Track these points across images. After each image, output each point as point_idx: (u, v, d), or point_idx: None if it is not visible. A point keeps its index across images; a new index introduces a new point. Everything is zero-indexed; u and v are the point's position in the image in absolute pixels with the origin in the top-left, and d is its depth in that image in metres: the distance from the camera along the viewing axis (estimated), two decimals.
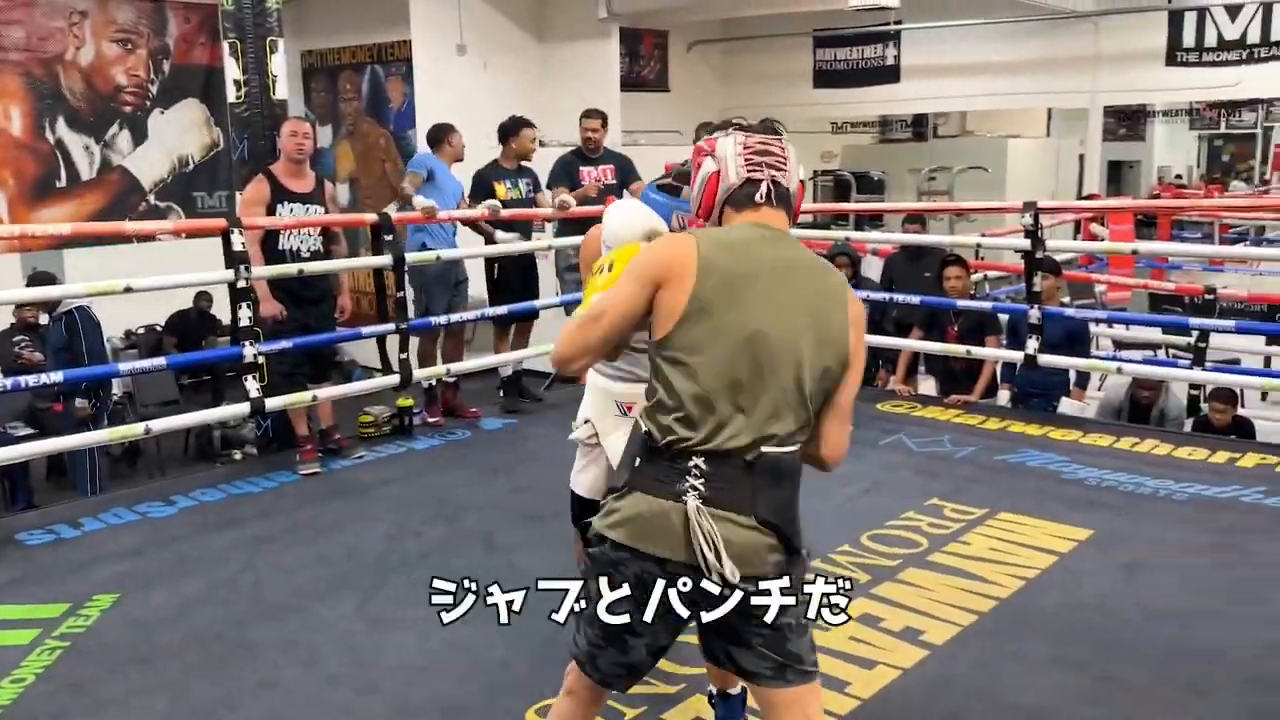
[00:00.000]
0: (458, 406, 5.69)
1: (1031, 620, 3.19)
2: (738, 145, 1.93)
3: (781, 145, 1.96)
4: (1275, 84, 10.17)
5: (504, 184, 5.81)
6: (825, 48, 12.25)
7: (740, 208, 1.93)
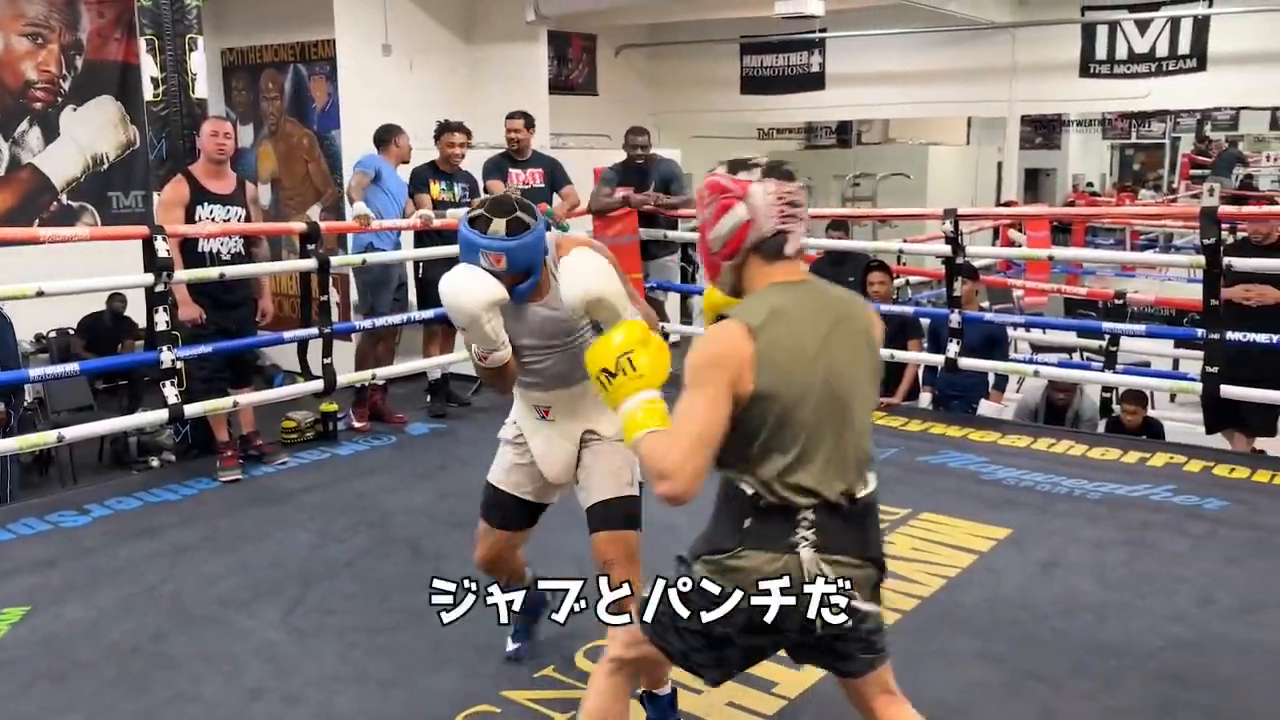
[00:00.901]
0: (384, 411, 5.62)
1: (954, 617, 3.27)
2: (770, 194, 1.92)
3: (803, 196, 1.97)
4: (1182, 96, 10.57)
5: (439, 184, 5.76)
6: (752, 54, 12.39)
7: (769, 259, 1.94)
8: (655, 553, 3.74)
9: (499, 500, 2.76)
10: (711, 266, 2.01)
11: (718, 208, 1.94)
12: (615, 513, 2.61)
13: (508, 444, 2.76)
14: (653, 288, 6.36)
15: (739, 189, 1.92)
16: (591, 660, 2.99)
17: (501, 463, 2.76)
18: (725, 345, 1.86)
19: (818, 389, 1.88)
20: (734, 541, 1.90)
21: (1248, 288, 4.90)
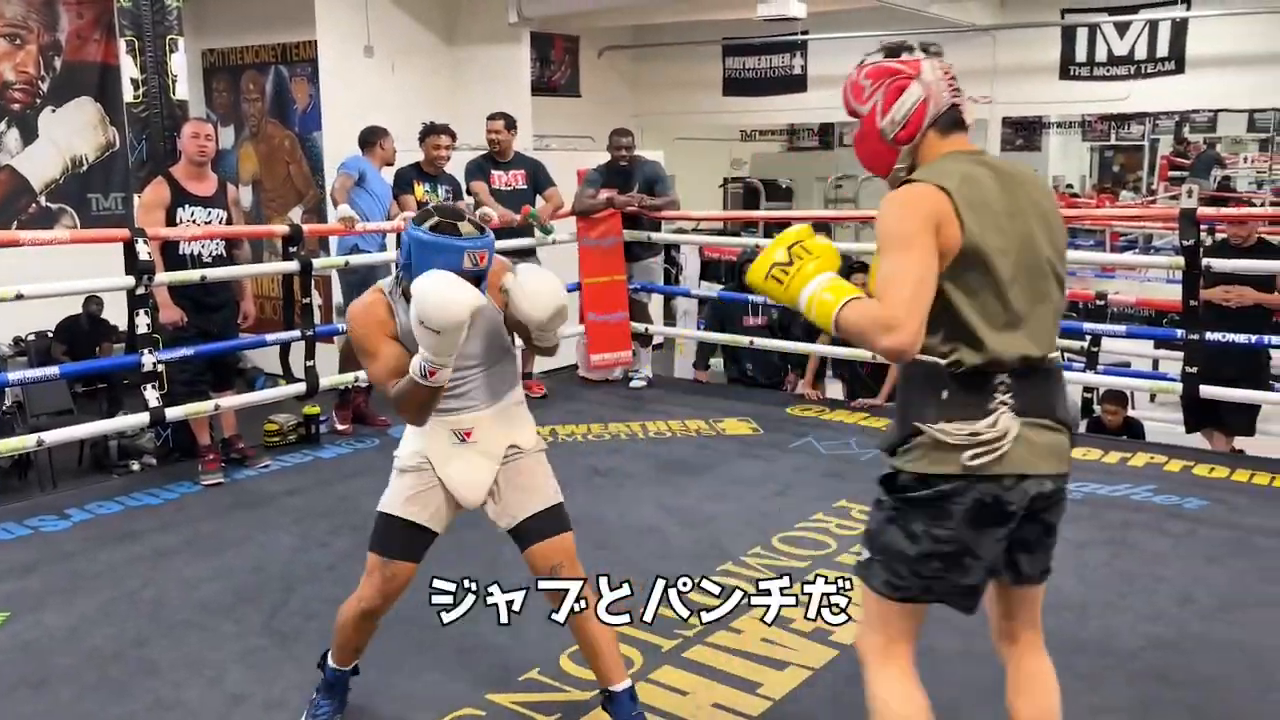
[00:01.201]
0: (367, 414, 5.60)
1: (938, 616, 3.24)
2: (938, 70, 1.92)
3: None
4: (1161, 98, 10.63)
5: (423, 186, 5.75)
6: (734, 56, 12.40)
7: (945, 132, 1.94)
8: (636, 550, 3.75)
9: (399, 530, 2.55)
10: (882, 156, 1.95)
11: (890, 90, 1.91)
12: (553, 521, 2.61)
13: (407, 472, 2.55)
14: (636, 289, 6.37)
15: (910, 68, 1.92)
16: (577, 664, 2.99)
17: (400, 492, 2.55)
18: (924, 201, 1.82)
19: (1014, 251, 1.85)
20: (930, 415, 1.86)
21: (1227, 289, 4.95)
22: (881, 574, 1.95)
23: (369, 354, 2.45)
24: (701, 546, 3.87)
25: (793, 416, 5.66)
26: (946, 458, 1.84)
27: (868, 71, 1.94)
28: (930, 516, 1.88)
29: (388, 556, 2.56)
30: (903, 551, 1.91)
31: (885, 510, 1.94)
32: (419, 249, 2.32)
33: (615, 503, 4.36)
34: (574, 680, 2.91)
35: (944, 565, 1.90)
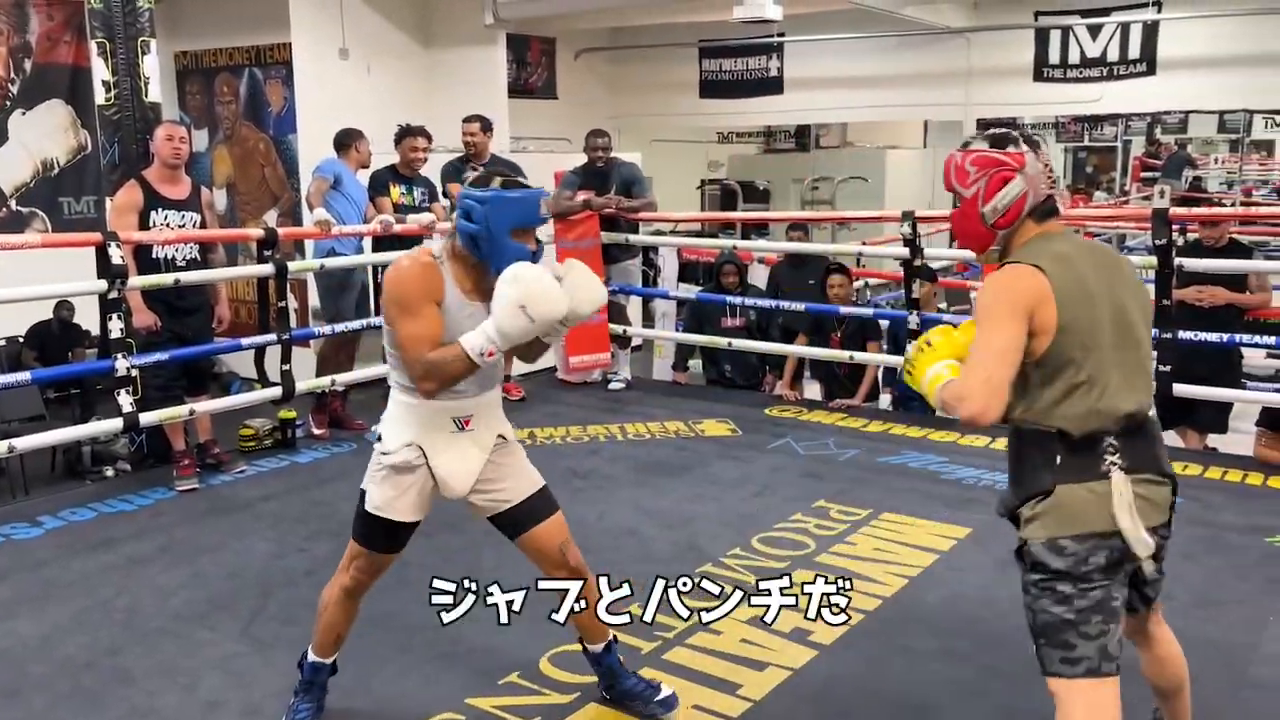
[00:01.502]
0: (344, 418, 5.57)
1: (916, 616, 3.30)
2: (1039, 165, 2.10)
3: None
4: (1133, 99, 10.74)
5: (399, 188, 5.72)
6: (711, 58, 12.43)
7: (1041, 220, 2.11)
8: (615, 553, 3.75)
9: (388, 528, 2.54)
10: (980, 238, 2.13)
11: (994, 180, 2.08)
12: (546, 501, 2.63)
13: (395, 470, 2.50)
14: (614, 291, 6.36)
15: (1015, 161, 2.08)
16: (557, 666, 2.98)
17: (391, 493, 2.51)
18: (1021, 281, 2.00)
19: (1107, 321, 2.02)
20: (1043, 481, 2.01)
21: (1200, 288, 5.00)
22: (1057, 655, 2.02)
23: (410, 313, 2.36)
24: (680, 548, 3.88)
25: (771, 417, 5.67)
26: (1065, 519, 2.00)
27: (974, 159, 2.11)
28: (1077, 581, 1.99)
29: (374, 550, 2.58)
30: (1063, 621, 2.00)
31: (1034, 590, 2.04)
32: (498, 207, 2.34)
33: (594, 505, 4.35)
34: (554, 683, 2.90)
35: (1107, 618, 2.00)
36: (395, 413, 2.53)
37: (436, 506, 4.42)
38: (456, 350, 2.31)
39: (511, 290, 2.25)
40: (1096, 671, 1.99)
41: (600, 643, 2.74)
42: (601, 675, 2.78)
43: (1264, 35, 9.55)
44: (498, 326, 2.27)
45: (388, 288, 2.42)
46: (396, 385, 2.53)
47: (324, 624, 2.67)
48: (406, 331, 2.36)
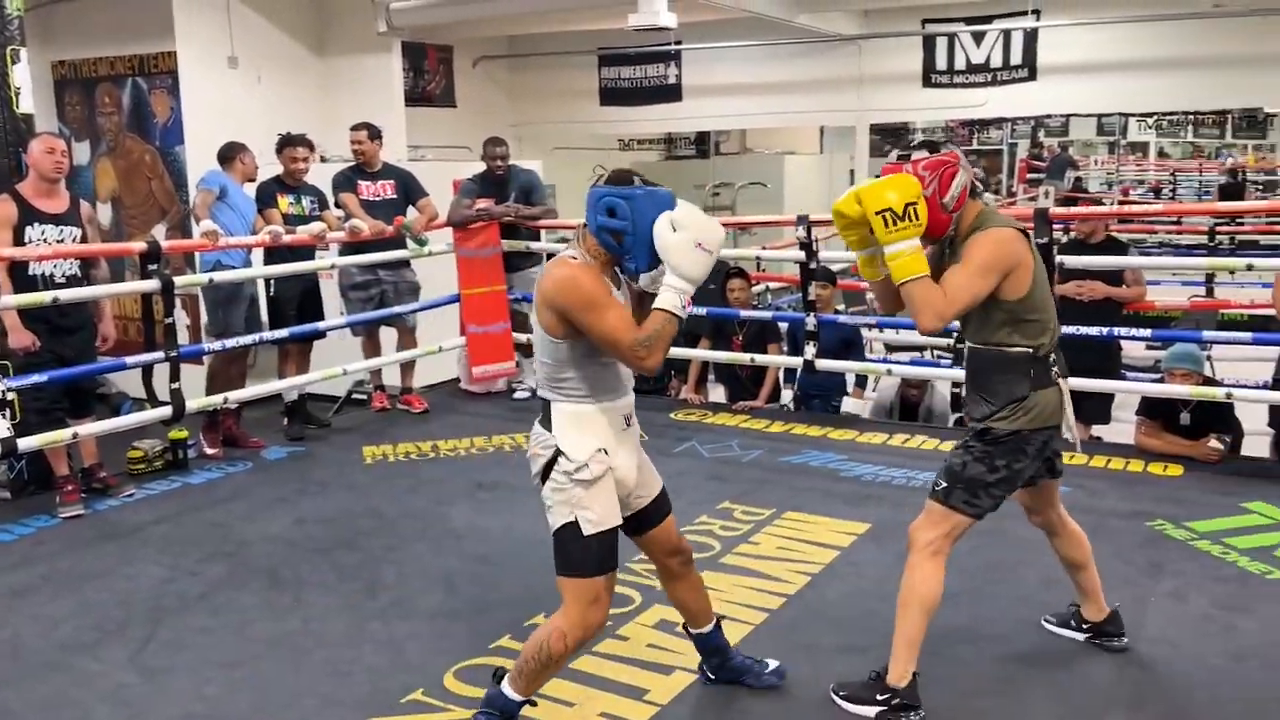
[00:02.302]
0: (238, 436, 5.42)
1: (818, 613, 3.35)
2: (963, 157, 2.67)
3: None
4: (1016, 104, 11.11)
5: (287, 198, 5.59)
6: (610, 66, 12.46)
7: (973, 198, 2.70)
8: (522, 563, 3.72)
9: (612, 541, 2.51)
10: (943, 224, 2.64)
11: (945, 177, 2.61)
12: (666, 496, 2.74)
13: (598, 480, 2.46)
14: (518, 300, 6.32)
15: (953, 159, 2.63)
16: (463, 681, 2.95)
17: (603, 503, 2.47)
18: (1017, 244, 2.63)
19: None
20: (1023, 389, 2.67)
21: (1079, 283, 5.20)
22: (962, 496, 2.70)
23: (603, 307, 2.39)
24: None
25: (676, 421, 5.71)
26: (1031, 417, 2.68)
27: (924, 165, 2.62)
28: (1011, 455, 2.69)
29: (605, 572, 2.50)
30: (979, 480, 2.69)
31: (975, 455, 2.70)
32: (644, 201, 2.43)
33: (500, 516, 4.32)
34: (459, 699, 2.87)
35: (1009, 487, 2.72)
36: (573, 424, 2.49)
37: (328, 524, 4.33)
38: (660, 316, 2.40)
39: (682, 234, 2.37)
40: (979, 517, 2.73)
41: (708, 625, 2.84)
42: (711, 655, 2.88)
43: (1136, 42, 10.00)
44: (682, 273, 2.39)
45: (564, 294, 2.40)
46: (564, 397, 2.50)
47: (545, 674, 2.55)
48: (609, 324, 2.39)
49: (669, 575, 2.79)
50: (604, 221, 2.45)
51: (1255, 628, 3.18)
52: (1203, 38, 9.68)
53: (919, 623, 2.71)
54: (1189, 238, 12.13)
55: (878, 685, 2.75)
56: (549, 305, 2.43)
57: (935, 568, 2.72)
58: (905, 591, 2.73)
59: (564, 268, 2.45)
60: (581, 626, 2.48)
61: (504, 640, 3.19)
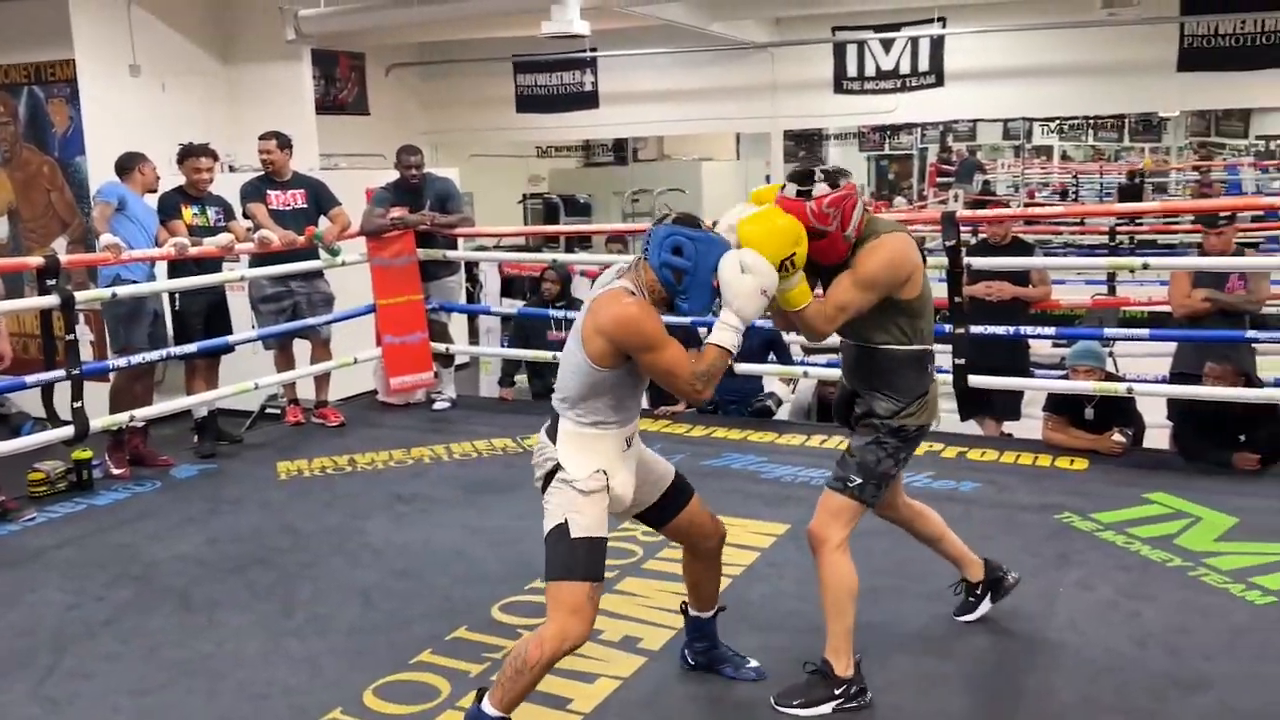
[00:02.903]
0: (146, 455, 5.26)
1: (739, 615, 3.35)
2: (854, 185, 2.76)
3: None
4: (925, 110, 11.37)
5: (191, 210, 5.45)
6: (526, 73, 12.41)
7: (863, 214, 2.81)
8: (442, 576, 3.67)
9: (601, 551, 2.57)
10: (844, 253, 2.72)
11: (849, 206, 2.67)
12: (684, 480, 2.85)
13: (594, 493, 2.56)
14: (435, 309, 6.26)
15: (850, 190, 2.69)
16: (382, 698, 2.90)
17: (594, 513, 2.55)
18: (911, 252, 2.75)
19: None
20: (925, 385, 2.85)
21: (988, 284, 5.34)
22: (872, 491, 2.83)
23: (664, 344, 2.50)
24: (510, 566, 3.84)
25: None
26: (930, 411, 2.87)
27: (829, 202, 2.65)
28: (910, 449, 2.88)
29: (598, 580, 2.57)
30: (888, 474, 2.84)
31: (888, 451, 2.81)
32: (709, 245, 2.56)
33: (419, 529, 4.26)
34: (378, 716, 2.82)
35: (894, 475, 2.92)
36: (576, 445, 2.58)
37: (241, 542, 4.23)
38: (715, 352, 2.55)
39: (749, 279, 2.50)
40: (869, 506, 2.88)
41: (710, 610, 2.96)
42: (701, 639, 2.98)
43: (1036, 49, 10.32)
44: (743, 315, 2.54)
45: (629, 334, 2.49)
46: (575, 418, 2.58)
47: (526, 688, 2.51)
48: (671, 358, 2.52)
49: (698, 554, 2.90)
50: (668, 259, 2.55)
51: (1156, 614, 3.30)
52: (1098, 45, 10.04)
53: (849, 611, 2.80)
54: (1091, 238, 12.56)
55: (826, 681, 2.78)
56: (607, 338, 2.50)
57: (847, 559, 2.81)
58: (831, 591, 2.80)
59: (627, 306, 2.50)
60: (560, 636, 2.48)
61: (424, 655, 3.15)
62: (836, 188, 2.64)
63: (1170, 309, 5.23)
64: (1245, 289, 4.93)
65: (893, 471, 2.85)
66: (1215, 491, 4.32)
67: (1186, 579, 3.54)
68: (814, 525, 2.84)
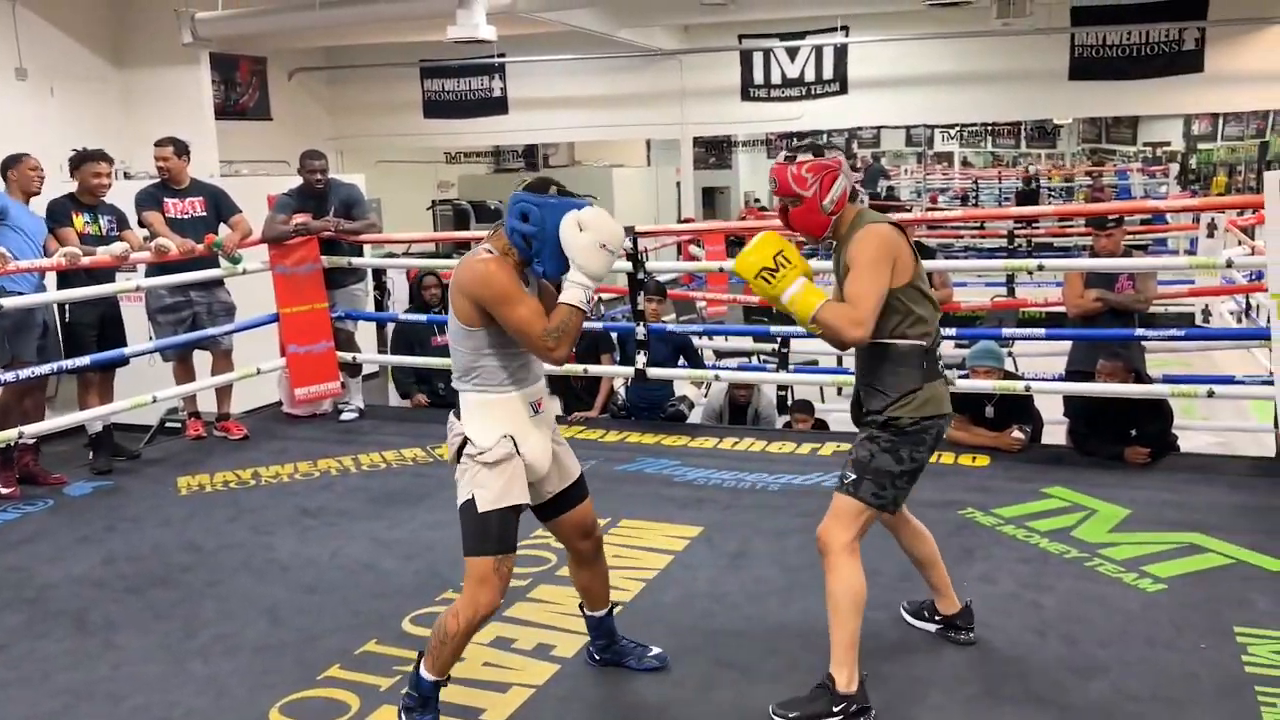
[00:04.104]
0: (37, 473, 5.04)
1: (653, 618, 3.38)
2: (844, 161, 2.77)
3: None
4: (830, 117, 11.61)
5: (82, 217, 5.25)
6: (433, 78, 12.31)
7: (852, 200, 2.82)
8: (351, 590, 3.60)
9: (509, 521, 2.62)
10: (821, 226, 2.79)
11: (827, 180, 2.73)
12: (583, 481, 2.90)
13: (497, 464, 2.60)
14: (340, 317, 6.14)
15: (835, 164, 2.73)
16: (290, 715, 2.84)
17: (499, 484, 2.60)
18: (891, 235, 2.73)
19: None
20: (917, 380, 2.76)
21: None
22: (870, 489, 2.76)
23: (517, 300, 2.53)
24: (421, 578, 3.79)
25: None
26: (929, 406, 2.77)
27: (808, 167, 2.73)
28: (914, 445, 2.77)
29: (505, 552, 2.62)
30: (888, 471, 2.76)
31: (881, 445, 2.77)
32: (556, 209, 2.56)
33: (326, 543, 4.17)
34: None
35: (911, 479, 2.82)
36: (478, 413, 2.63)
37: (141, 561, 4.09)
38: (566, 310, 2.55)
39: (586, 235, 2.51)
40: (886, 508, 2.81)
41: (604, 609, 3.01)
42: (601, 636, 3.04)
43: (937, 58, 10.63)
44: (587, 271, 2.54)
45: (481, 287, 2.54)
46: (473, 388, 2.64)
47: (449, 652, 2.62)
48: (521, 315, 2.54)
49: (580, 559, 2.94)
50: (517, 225, 2.59)
51: (1054, 604, 3.41)
52: (995, 54, 10.38)
53: (854, 623, 2.73)
54: (991, 242, 12.96)
55: (828, 696, 2.71)
56: (466, 295, 2.56)
57: (855, 565, 2.74)
58: (836, 596, 2.73)
59: (481, 262, 2.57)
60: (472, 605, 2.58)
61: (333, 670, 3.08)
62: (820, 156, 2.74)
63: (1065, 309, 5.42)
64: (1134, 289, 5.14)
65: (894, 469, 2.76)
66: (1109, 485, 4.49)
67: (1083, 570, 3.67)
68: (820, 529, 2.81)
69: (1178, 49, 9.88)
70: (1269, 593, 3.42)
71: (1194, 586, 3.49)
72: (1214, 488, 4.45)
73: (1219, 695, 2.82)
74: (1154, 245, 12.96)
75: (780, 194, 2.82)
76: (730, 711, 2.84)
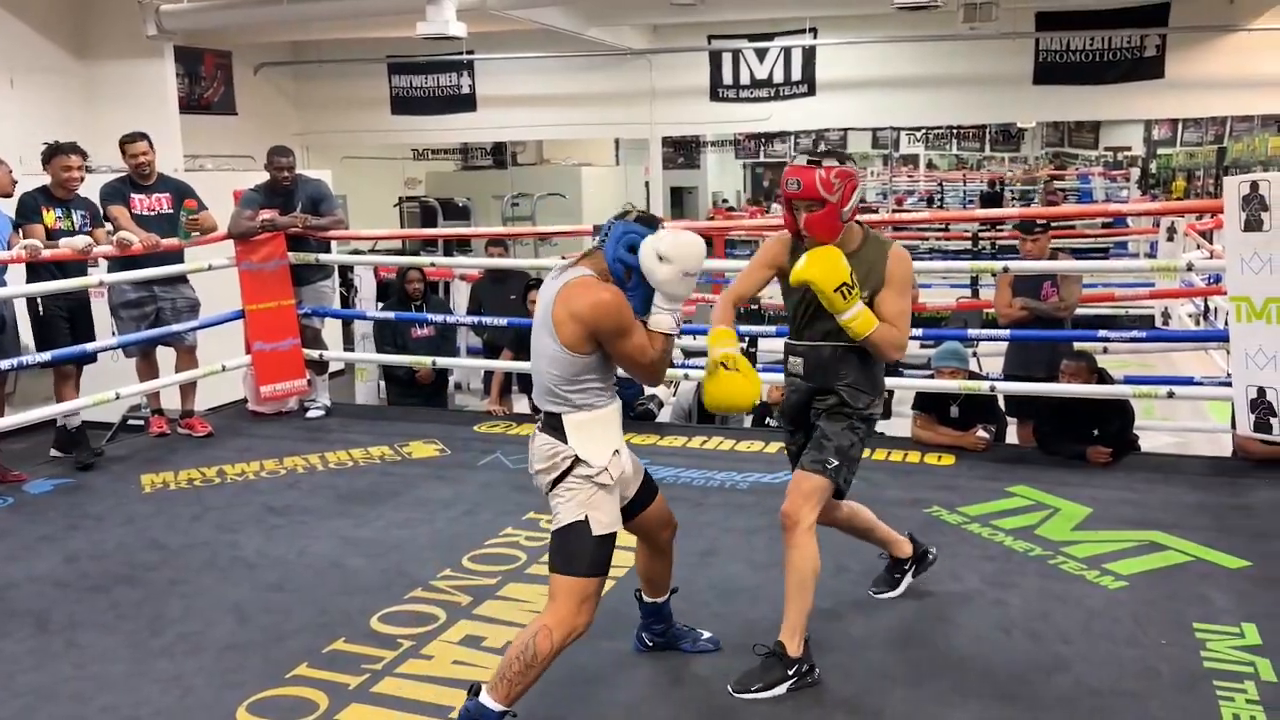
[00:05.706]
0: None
1: (622, 618, 3.37)
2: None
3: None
4: (797, 118, 11.68)
5: (54, 212, 5.17)
6: (401, 75, 12.23)
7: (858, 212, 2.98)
8: (318, 589, 3.57)
9: (612, 548, 2.62)
10: (835, 233, 2.87)
11: (849, 188, 2.84)
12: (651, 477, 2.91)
13: (612, 487, 2.61)
14: (307, 314, 6.10)
15: (857, 172, 2.85)
16: (256, 715, 2.82)
17: (613, 511, 2.63)
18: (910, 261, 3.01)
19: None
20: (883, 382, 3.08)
21: None
22: (845, 474, 2.99)
23: (632, 329, 2.55)
24: (389, 576, 3.77)
25: (480, 434, 5.65)
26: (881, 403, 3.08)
27: (836, 173, 2.83)
28: (870, 436, 3.09)
29: (606, 574, 2.62)
30: (857, 459, 3.02)
31: (860, 435, 3.01)
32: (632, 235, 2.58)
33: (293, 541, 4.14)
34: None
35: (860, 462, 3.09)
36: (588, 432, 2.60)
37: (103, 560, 4.05)
38: (661, 337, 2.60)
39: (669, 268, 2.53)
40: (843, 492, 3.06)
41: (664, 596, 3.06)
42: (658, 622, 3.09)
43: (904, 60, 10.72)
44: (673, 299, 2.59)
45: (605, 318, 2.51)
46: (576, 407, 2.60)
47: (530, 679, 2.54)
48: (636, 344, 2.57)
49: (657, 550, 2.96)
50: (623, 255, 2.58)
51: (1019, 601, 3.46)
52: (961, 58, 10.49)
53: (811, 593, 2.90)
54: (956, 243, 13.09)
55: (781, 662, 2.87)
56: (583, 323, 2.52)
57: (814, 541, 2.92)
58: (799, 572, 2.88)
59: (607, 291, 2.54)
60: (569, 625, 2.54)
61: (301, 669, 3.06)
62: (844, 164, 2.84)
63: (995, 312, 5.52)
64: (1057, 295, 5.26)
65: (859, 457, 3.02)
66: (1072, 484, 4.56)
67: (1046, 567, 3.72)
68: (788, 507, 2.92)
69: (1139, 55, 10.04)
70: (1226, 589, 3.49)
71: (1154, 584, 3.56)
72: (1173, 487, 4.53)
73: (1179, 689, 2.87)
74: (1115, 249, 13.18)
75: (803, 197, 2.84)
76: (699, 708, 2.86)
